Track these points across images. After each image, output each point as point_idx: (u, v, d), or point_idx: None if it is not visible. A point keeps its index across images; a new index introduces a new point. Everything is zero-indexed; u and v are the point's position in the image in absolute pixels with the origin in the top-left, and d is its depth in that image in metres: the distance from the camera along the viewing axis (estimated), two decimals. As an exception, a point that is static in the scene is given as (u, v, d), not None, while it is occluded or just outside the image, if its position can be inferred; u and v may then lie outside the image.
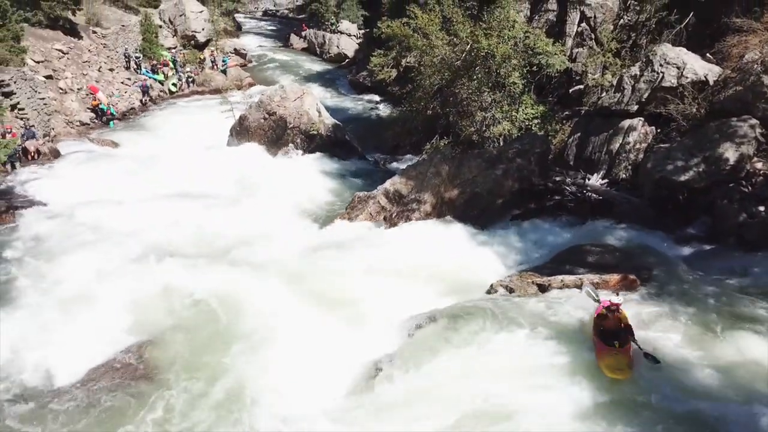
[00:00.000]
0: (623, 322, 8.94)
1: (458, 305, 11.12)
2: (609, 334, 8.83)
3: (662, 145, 15.38)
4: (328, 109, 23.35)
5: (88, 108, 24.43)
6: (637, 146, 16.16)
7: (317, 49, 43.06)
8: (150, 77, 29.81)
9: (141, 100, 28.13)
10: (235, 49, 39.09)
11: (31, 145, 18.46)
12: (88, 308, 11.08)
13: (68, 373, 9.64)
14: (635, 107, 16.40)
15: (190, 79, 31.97)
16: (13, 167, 17.46)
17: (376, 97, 31.07)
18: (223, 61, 34.52)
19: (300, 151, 20.85)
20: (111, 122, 24.54)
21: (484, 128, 18.87)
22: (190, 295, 11.56)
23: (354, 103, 31.03)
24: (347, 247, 13.92)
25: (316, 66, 39.89)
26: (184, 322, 10.80)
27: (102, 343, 10.25)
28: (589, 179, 16.78)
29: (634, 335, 8.88)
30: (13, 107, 18.96)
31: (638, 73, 16.41)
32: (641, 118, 16.34)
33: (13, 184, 16.35)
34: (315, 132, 21.00)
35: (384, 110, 28.94)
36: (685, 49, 16.19)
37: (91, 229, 14.18)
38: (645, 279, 11.45)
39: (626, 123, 16.49)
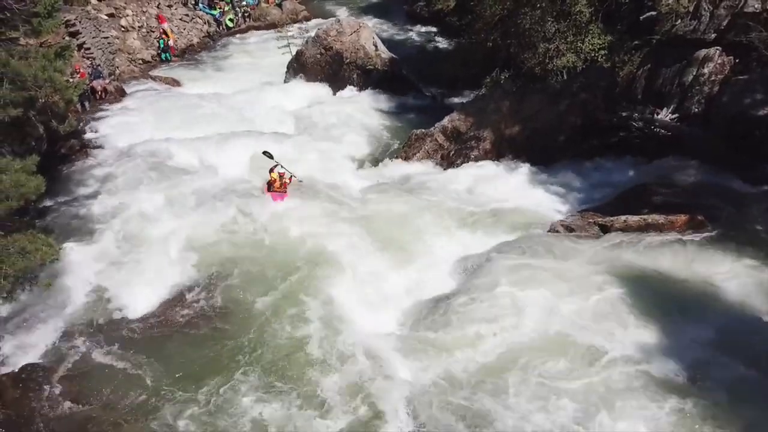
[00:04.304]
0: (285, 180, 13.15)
1: (518, 244, 11.15)
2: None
3: (740, 77, 14.48)
4: (384, 41, 22.91)
5: (156, 39, 25.02)
6: (713, 78, 15.20)
7: (372, -23, 41.74)
8: (207, 13, 29.86)
9: (218, 29, 29.93)
10: (290, -19, 38.36)
11: (98, 84, 18.99)
12: (158, 244, 11.66)
13: (143, 306, 10.26)
14: (713, 36, 15.30)
15: (246, 14, 31.80)
16: (83, 107, 18.07)
17: (434, 29, 30.08)
18: (279, -7, 34.05)
19: (357, 87, 20.69)
20: (165, 53, 24.93)
21: (547, 60, 18.08)
22: (253, 231, 12.00)
23: (411, 35, 30.22)
24: (404, 187, 13.98)
25: (372, -5, 38.85)
26: (248, 257, 11.24)
27: (172, 277, 10.85)
28: (657, 114, 16.00)
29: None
30: (79, 47, 19.39)
31: (718, -3, 15.22)
32: (718, 48, 15.26)
33: (85, 123, 16.97)
34: (372, 67, 20.73)
35: (442, 42, 28.10)
36: (773, -31, 14.84)
37: (159, 167, 14.67)
38: (714, 220, 11.06)
39: (701, 53, 15.46)
